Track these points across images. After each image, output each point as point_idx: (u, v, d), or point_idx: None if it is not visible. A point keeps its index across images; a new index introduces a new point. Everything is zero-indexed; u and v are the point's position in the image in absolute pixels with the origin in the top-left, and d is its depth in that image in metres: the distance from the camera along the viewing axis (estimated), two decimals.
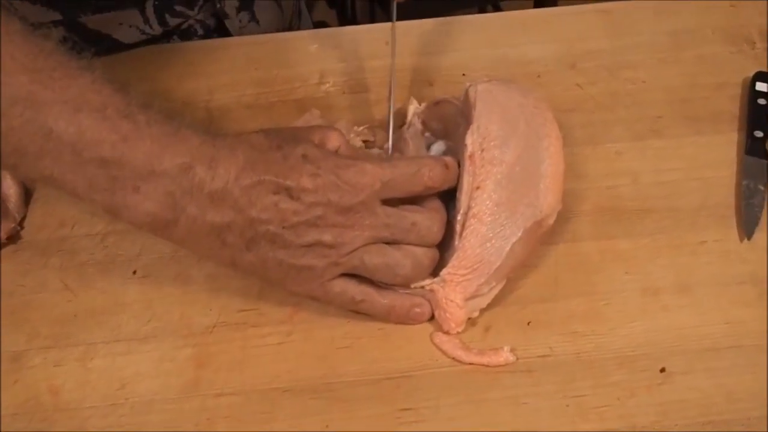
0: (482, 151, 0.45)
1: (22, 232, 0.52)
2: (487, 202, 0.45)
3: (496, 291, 0.46)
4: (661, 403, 0.42)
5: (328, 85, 0.60)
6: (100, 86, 0.40)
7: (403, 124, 0.54)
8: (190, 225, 0.42)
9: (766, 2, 0.62)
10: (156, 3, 0.62)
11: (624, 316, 0.46)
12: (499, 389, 0.43)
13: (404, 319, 0.46)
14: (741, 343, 0.44)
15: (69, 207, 0.53)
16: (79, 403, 0.44)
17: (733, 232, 0.49)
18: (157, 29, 0.64)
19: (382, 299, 0.45)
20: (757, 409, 0.42)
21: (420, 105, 0.55)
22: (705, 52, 0.60)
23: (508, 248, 0.44)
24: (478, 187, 0.45)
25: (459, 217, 0.45)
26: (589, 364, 0.44)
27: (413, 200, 0.45)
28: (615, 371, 0.44)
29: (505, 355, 0.44)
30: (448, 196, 0.47)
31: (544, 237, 0.47)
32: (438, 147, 0.52)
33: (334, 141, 0.46)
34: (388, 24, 0.62)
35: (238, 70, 0.61)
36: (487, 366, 0.44)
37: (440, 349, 0.45)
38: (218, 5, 0.65)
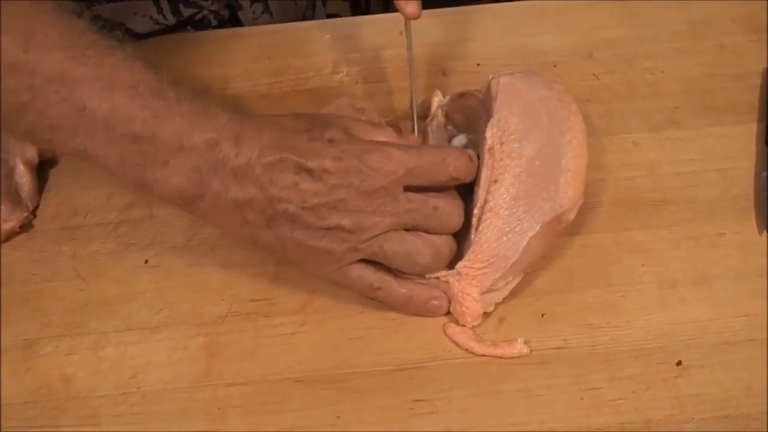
0: (501, 144, 0.45)
1: (35, 221, 0.52)
2: (504, 196, 0.44)
3: (512, 285, 0.45)
4: (678, 397, 0.42)
5: (341, 74, 0.60)
6: (132, 64, 0.41)
7: (426, 116, 0.54)
8: (215, 200, 0.42)
9: None
10: None
11: (640, 309, 0.45)
12: (512, 381, 0.43)
13: (421, 310, 0.45)
14: (759, 336, 0.44)
15: (82, 196, 0.53)
16: (91, 391, 0.44)
17: (752, 225, 0.49)
18: (171, 19, 0.64)
19: (399, 288, 0.45)
20: None
21: (444, 97, 0.54)
22: (724, 41, 0.59)
23: (524, 243, 0.44)
24: (495, 181, 0.44)
25: (476, 211, 0.45)
26: (605, 356, 0.43)
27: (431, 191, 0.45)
28: (630, 364, 0.43)
29: (519, 347, 0.44)
30: (465, 190, 0.46)
31: (564, 232, 0.47)
32: (459, 140, 0.51)
33: (381, 138, 0.45)
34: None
35: (252, 60, 0.61)
36: (501, 358, 0.44)
37: (453, 341, 0.45)
38: None
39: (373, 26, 0.63)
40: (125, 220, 0.52)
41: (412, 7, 0.50)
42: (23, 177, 0.53)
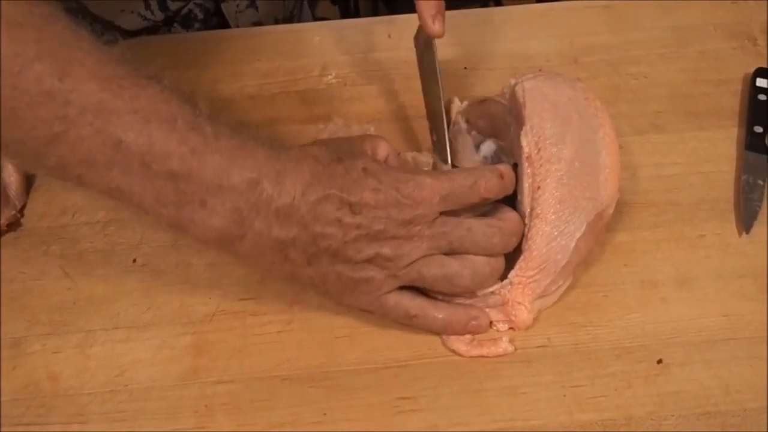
0: (539, 150, 0.45)
1: (23, 220, 0.52)
2: (550, 201, 0.44)
3: (563, 289, 0.46)
4: (658, 394, 0.42)
5: (330, 77, 0.60)
6: (169, 96, 0.39)
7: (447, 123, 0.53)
8: (256, 240, 0.41)
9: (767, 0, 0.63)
10: None
11: (622, 308, 0.46)
12: (496, 379, 0.43)
13: (461, 332, 0.45)
14: (739, 335, 0.44)
15: (70, 195, 0.53)
16: (78, 389, 0.44)
17: (732, 226, 0.49)
18: (159, 15, 0.64)
19: (437, 314, 0.44)
20: (753, 401, 0.42)
21: (462, 103, 0.54)
22: (707, 48, 0.60)
23: (573, 245, 0.44)
24: (538, 187, 0.44)
25: (525, 220, 0.45)
26: (587, 355, 0.44)
27: (487, 211, 0.45)
28: (612, 362, 0.44)
29: (504, 346, 0.44)
30: (508, 200, 0.46)
31: (606, 228, 0.47)
32: (488, 147, 0.51)
33: (383, 151, 0.46)
34: (390, 17, 0.62)
35: (240, 62, 0.61)
36: (486, 357, 0.44)
37: (445, 345, 0.45)
38: None
39: (362, 29, 0.64)
40: (113, 219, 0.52)
41: (439, 25, 0.48)
42: (11, 176, 0.53)
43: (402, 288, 0.44)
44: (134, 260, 0.50)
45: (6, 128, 0.37)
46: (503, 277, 0.45)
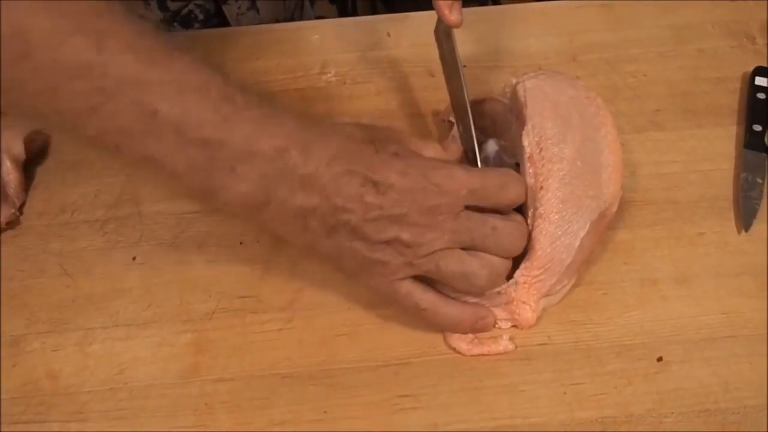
0: (540, 150, 0.45)
1: (22, 218, 0.52)
2: (553, 201, 0.44)
3: (567, 288, 0.46)
4: (658, 392, 0.42)
5: (329, 75, 0.60)
6: (200, 67, 0.40)
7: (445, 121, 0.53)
8: (280, 207, 0.41)
9: None
10: None
11: (622, 306, 0.46)
12: (497, 377, 0.44)
13: (469, 331, 0.45)
14: (738, 333, 0.45)
15: (69, 193, 0.53)
16: (78, 387, 0.44)
17: (731, 224, 0.50)
18: (158, 14, 0.64)
19: (448, 310, 0.44)
20: (753, 398, 0.42)
21: None
22: (705, 46, 0.60)
23: (577, 244, 0.44)
24: (541, 187, 0.44)
25: (528, 220, 0.45)
26: (587, 352, 0.44)
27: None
28: (612, 360, 0.44)
29: (504, 344, 0.44)
30: None
31: (609, 225, 0.47)
32: (491, 146, 0.51)
33: (429, 152, 0.46)
34: (390, 15, 0.62)
35: (240, 60, 0.61)
36: (487, 355, 0.44)
37: (447, 343, 0.45)
38: None
39: (362, 27, 0.63)
40: (113, 217, 0.52)
41: (456, 14, 0.48)
42: (10, 174, 0.52)
43: (415, 279, 0.43)
44: (134, 258, 0.50)
45: (46, 101, 0.38)
46: (509, 276, 0.45)
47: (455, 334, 0.45)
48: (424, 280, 0.44)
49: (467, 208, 0.42)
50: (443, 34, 0.51)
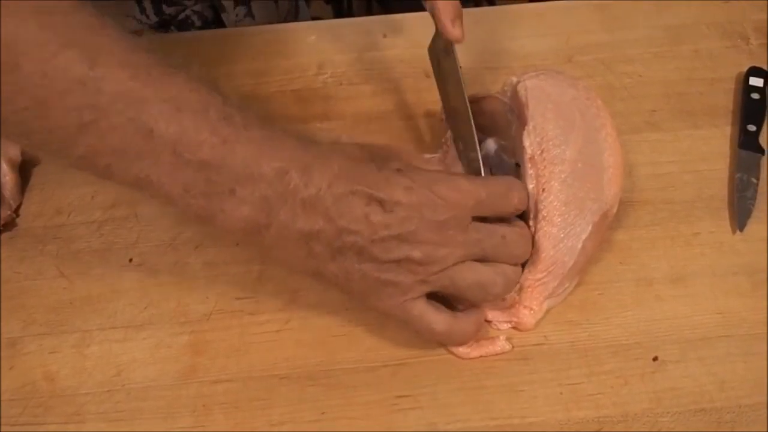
0: (542, 152, 0.44)
1: (18, 220, 0.52)
2: (555, 203, 0.44)
3: (569, 290, 0.46)
4: (654, 391, 0.43)
5: (326, 75, 0.60)
6: (197, 85, 0.39)
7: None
8: (281, 231, 0.40)
9: None
10: None
11: (618, 306, 0.46)
12: (494, 377, 0.44)
13: (473, 339, 0.44)
14: (733, 332, 0.45)
15: (65, 195, 0.53)
16: (75, 389, 0.44)
17: (726, 224, 0.50)
18: (153, 18, 0.64)
19: (459, 328, 0.43)
20: (748, 397, 0.42)
21: None
22: (700, 47, 0.61)
23: (579, 246, 0.44)
24: (543, 190, 0.44)
25: (529, 223, 0.45)
26: (584, 352, 0.44)
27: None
28: (609, 359, 0.44)
29: (501, 344, 0.45)
30: None
31: (610, 226, 0.47)
32: (490, 145, 0.50)
33: (429, 165, 0.46)
34: (386, 16, 0.62)
35: (236, 61, 0.61)
36: (485, 356, 0.45)
37: (448, 349, 0.45)
38: None
39: (357, 28, 0.64)
40: (109, 218, 0.52)
41: (459, 30, 0.46)
42: (6, 175, 0.52)
43: (427, 299, 0.42)
44: (131, 259, 0.50)
45: (34, 117, 0.36)
46: None
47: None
48: (434, 298, 0.43)
49: (473, 219, 0.42)
50: (442, 50, 0.49)
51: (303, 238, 0.40)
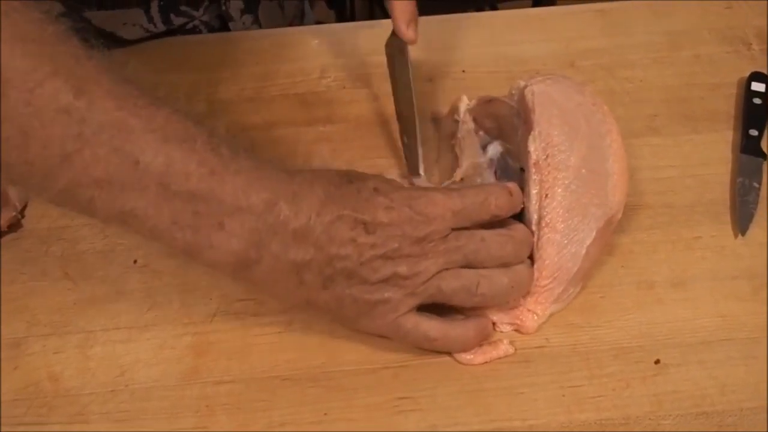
0: (546, 157, 0.45)
1: (23, 221, 0.52)
2: (558, 210, 0.44)
3: (573, 296, 0.46)
4: (656, 394, 0.43)
5: (329, 79, 0.61)
6: (183, 117, 0.38)
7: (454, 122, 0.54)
8: (273, 263, 0.40)
9: (763, 2, 0.63)
10: (161, 3, 0.63)
11: (619, 309, 0.46)
12: (495, 379, 0.44)
13: (476, 346, 0.45)
14: (734, 336, 0.45)
15: None
16: (79, 389, 0.45)
17: (728, 228, 0.50)
18: (161, 27, 0.64)
19: (456, 333, 0.44)
20: (749, 401, 0.42)
21: (470, 101, 0.54)
22: (701, 52, 0.61)
23: (583, 252, 0.44)
24: (546, 196, 0.44)
25: (532, 228, 0.45)
26: (585, 355, 0.45)
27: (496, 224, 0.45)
28: (610, 362, 0.44)
29: (504, 348, 0.45)
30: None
31: (614, 231, 0.47)
32: (494, 149, 0.51)
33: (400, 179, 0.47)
34: (388, 20, 0.62)
35: (239, 64, 0.62)
36: (489, 361, 0.45)
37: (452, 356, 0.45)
38: (223, 7, 0.66)
39: (360, 32, 0.64)
40: None
41: (412, 32, 0.50)
42: None
43: (418, 311, 0.43)
44: (135, 261, 0.50)
45: (15, 149, 0.35)
46: None
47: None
48: (425, 310, 0.43)
49: (454, 229, 0.43)
50: (397, 49, 0.53)
51: (294, 269, 0.41)
